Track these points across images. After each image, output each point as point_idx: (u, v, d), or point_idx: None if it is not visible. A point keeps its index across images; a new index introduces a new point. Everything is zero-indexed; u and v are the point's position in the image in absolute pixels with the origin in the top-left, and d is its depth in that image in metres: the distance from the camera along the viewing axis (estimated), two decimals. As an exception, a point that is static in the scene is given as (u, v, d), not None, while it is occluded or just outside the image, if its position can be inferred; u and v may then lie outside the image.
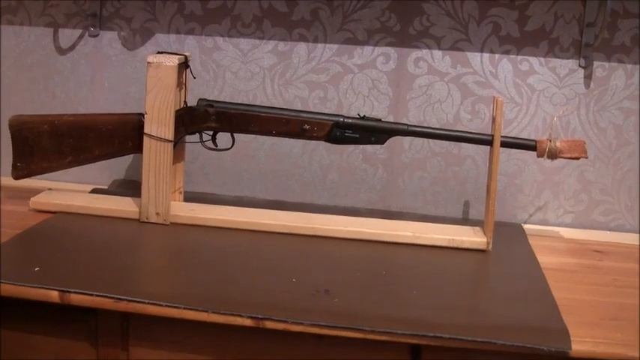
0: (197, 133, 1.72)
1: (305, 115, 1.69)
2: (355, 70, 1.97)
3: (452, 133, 1.72)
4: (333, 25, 1.96)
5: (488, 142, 1.69)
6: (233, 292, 1.41)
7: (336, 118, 1.67)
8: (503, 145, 1.70)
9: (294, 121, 1.67)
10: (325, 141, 1.68)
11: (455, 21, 1.91)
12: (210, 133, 1.73)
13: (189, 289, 1.42)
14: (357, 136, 1.69)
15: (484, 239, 1.71)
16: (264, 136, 1.94)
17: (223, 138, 1.76)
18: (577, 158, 1.71)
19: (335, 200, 2.03)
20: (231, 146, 1.70)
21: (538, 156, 1.70)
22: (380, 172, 2.02)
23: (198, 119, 1.67)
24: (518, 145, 1.72)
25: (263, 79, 2.01)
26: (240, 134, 1.73)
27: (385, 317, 1.34)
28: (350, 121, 1.67)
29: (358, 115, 1.65)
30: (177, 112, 1.68)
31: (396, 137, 1.79)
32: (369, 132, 1.68)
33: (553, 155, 1.69)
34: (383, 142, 1.71)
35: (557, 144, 1.69)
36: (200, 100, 1.69)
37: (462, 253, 1.70)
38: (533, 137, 1.94)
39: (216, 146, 1.70)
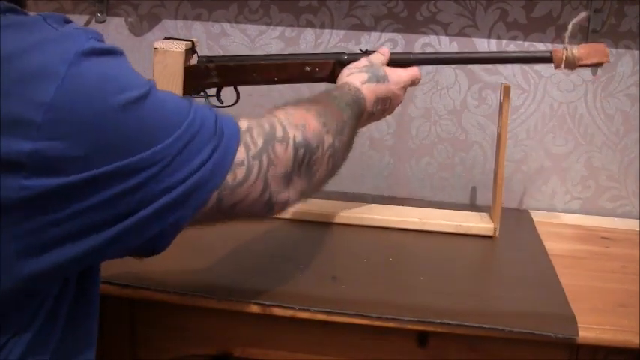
0: (201, 92, 1.69)
1: (305, 56, 1.66)
2: (362, 56, 1.97)
3: (456, 55, 1.69)
4: (340, 11, 1.95)
5: (498, 59, 1.71)
6: (240, 278, 1.42)
7: (337, 57, 1.63)
8: (516, 60, 1.70)
9: (294, 64, 1.65)
10: (328, 81, 1.63)
11: (462, 7, 1.90)
12: (214, 91, 1.70)
13: (195, 276, 1.42)
14: None
15: (491, 225, 1.71)
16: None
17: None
18: (599, 64, 1.55)
19: (341, 187, 2.03)
20: (236, 101, 1.67)
21: (555, 67, 1.54)
22: (387, 158, 2.02)
23: (199, 76, 1.65)
24: (531, 59, 1.68)
25: (270, 65, 2.00)
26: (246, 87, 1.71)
27: (392, 304, 1.35)
28: (353, 57, 1.62)
29: (360, 50, 1.62)
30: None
31: (404, 124, 1.79)
32: None
33: (571, 64, 1.53)
34: None
35: (575, 51, 1.52)
36: (200, 57, 1.68)
37: (469, 240, 1.70)
38: (539, 124, 1.94)
39: (222, 103, 1.68)
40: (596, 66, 1.62)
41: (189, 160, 0.97)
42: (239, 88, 1.67)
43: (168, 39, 1.66)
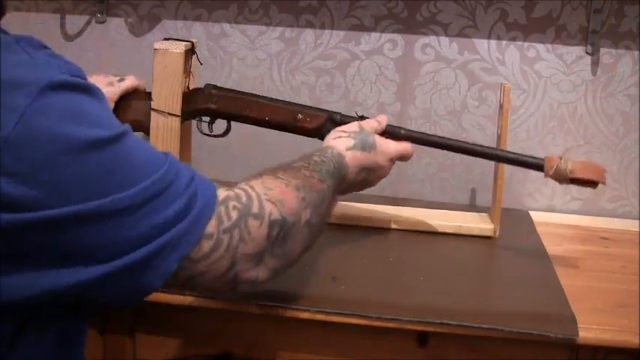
0: (196, 118, 1.69)
1: (301, 106, 1.65)
2: (362, 57, 1.97)
3: (451, 142, 1.59)
4: (340, 12, 1.95)
5: (491, 156, 1.58)
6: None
7: (331, 114, 1.60)
8: (509, 162, 1.54)
9: (288, 109, 1.65)
10: (315, 136, 1.61)
11: (462, 7, 1.90)
12: (208, 120, 1.70)
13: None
14: None
15: (491, 226, 1.71)
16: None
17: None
18: (593, 183, 1.44)
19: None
20: (225, 133, 1.68)
21: (545, 175, 1.46)
22: (387, 158, 2.02)
23: (200, 99, 1.65)
24: (524, 164, 1.52)
25: (270, 65, 2.01)
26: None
27: (392, 304, 1.35)
28: (346, 119, 1.60)
29: (356, 113, 1.60)
30: (184, 93, 1.66)
31: (404, 124, 1.79)
32: None
33: (562, 176, 1.44)
34: None
35: (569, 164, 1.43)
36: (207, 84, 1.68)
37: (469, 240, 1.70)
38: (539, 124, 1.94)
39: (211, 132, 1.68)
40: (589, 185, 1.45)
41: (155, 212, 0.92)
42: (233, 125, 1.68)
43: (168, 39, 1.66)
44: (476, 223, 1.74)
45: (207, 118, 1.66)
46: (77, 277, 0.89)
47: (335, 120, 1.55)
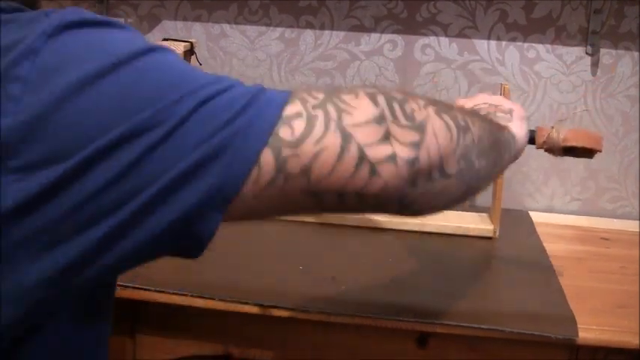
0: None
1: None
2: (362, 57, 1.97)
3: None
4: (339, 12, 1.95)
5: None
6: (240, 279, 1.42)
7: None
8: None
9: None
10: None
11: (462, 8, 1.90)
12: None
13: (196, 277, 1.42)
14: None
15: (491, 226, 1.71)
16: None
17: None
18: (589, 151, 1.33)
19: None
20: None
21: (537, 147, 1.39)
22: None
23: None
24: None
25: (270, 66, 2.01)
26: None
27: (391, 305, 1.35)
28: None
29: None
30: None
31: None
32: None
33: (555, 145, 1.35)
34: None
35: (562, 133, 1.34)
36: None
37: (469, 240, 1.70)
38: (540, 124, 1.94)
39: None
40: (585, 155, 1.35)
41: (212, 117, 0.77)
42: None
43: (167, 40, 1.66)
44: (476, 223, 1.73)
45: None
46: (131, 208, 0.75)
47: None
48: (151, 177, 0.75)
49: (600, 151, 1.35)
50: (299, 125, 0.79)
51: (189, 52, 1.67)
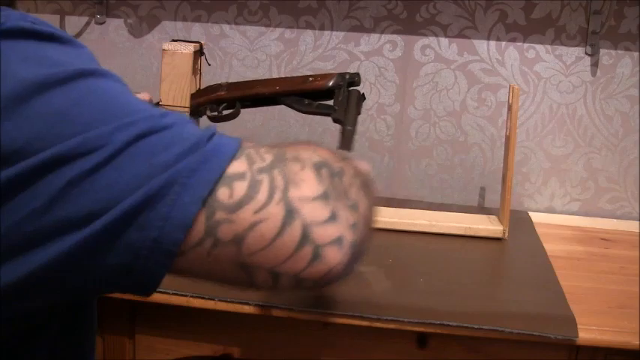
0: (205, 107, 1.68)
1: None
2: (362, 58, 1.97)
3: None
4: (339, 13, 1.95)
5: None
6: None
7: (340, 73, 1.60)
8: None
9: (297, 77, 1.64)
10: (329, 94, 1.58)
11: (461, 9, 1.90)
12: (215, 112, 1.68)
13: (196, 277, 1.42)
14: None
15: (500, 227, 1.71)
16: (270, 125, 1.96)
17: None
18: None
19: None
20: (233, 112, 1.65)
21: None
22: (386, 159, 2.02)
23: (210, 90, 1.65)
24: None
25: (270, 66, 2.01)
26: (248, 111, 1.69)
27: (391, 305, 1.35)
28: (354, 77, 1.56)
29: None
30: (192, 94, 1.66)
31: (403, 125, 1.79)
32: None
33: None
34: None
35: None
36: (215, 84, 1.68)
37: (471, 241, 1.70)
38: (539, 125, 1.94)
39: (220, 113, 1.65)
40: None
41: (148, 154, 0.71)
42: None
43: (177, 41, 1.66)
44: (485, 224, 1.73)
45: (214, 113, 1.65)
46: (60, 247, 0.69)
47: (344, 77, 1.56)
48: (82, 213, 0.69)
49: None
50: (240, 188, 0.73)
51: (199, 52, 1.67)
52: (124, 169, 0.69)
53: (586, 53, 1.90)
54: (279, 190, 0.74)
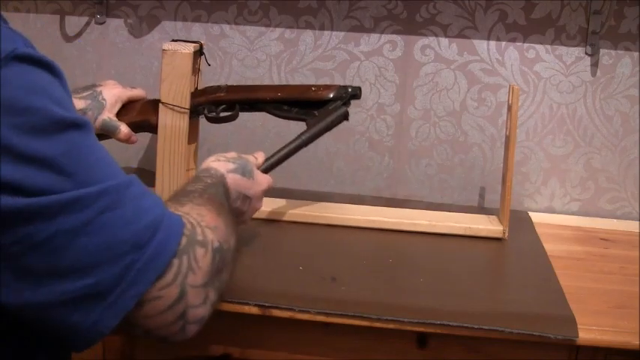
0: (203, 107, 1.68)
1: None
2: (362, 58, 1.97)
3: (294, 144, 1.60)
4: (339, 13, 1.95)
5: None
6: (240, 280, 1.41)
7: (341, 85, 1.62)
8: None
9: (299, 85, 1.64)
10: (329, 100, 1.60)
11: (461, 9, 1.90)
12: (213, 113, 1.68)
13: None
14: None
15: (500, 227, 1.71)
16: (270, 125, 1.96)
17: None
18: None
19: (341, 188, 2.03)
20: (233, 114, 1.65)
21: None
22: (386, 159, 2.02)
23: (209, 91, 1.65)
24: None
25: (269, 66, 2.00)
26: (247, 117, 1.71)
27: (391, 305, 1.35)
28: (356, 91, 1.61)
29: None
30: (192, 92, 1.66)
31: (403, 125, 1.79)
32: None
33: None
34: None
35: None
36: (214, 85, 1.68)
37: (474, 242, 1.69)
38: (539, 125, 1.94)
39: (218, 115, 1.65)
40: None
41: (110, 226, 0.84)
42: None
43: (177, 41, 1.66)
44: (485, 224, 1.73)
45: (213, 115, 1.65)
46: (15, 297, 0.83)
47: (347, 89, 1.57)
48: (51, 268, 0.82)
49: None
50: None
51: (199, 52, 1.68)
52: (94, 237, 0.83)
53: (586, 53, 1.90)
54: (181, 275, 0.92)
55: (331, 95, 1.58)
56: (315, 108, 1.59)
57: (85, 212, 0.82)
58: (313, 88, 1.60)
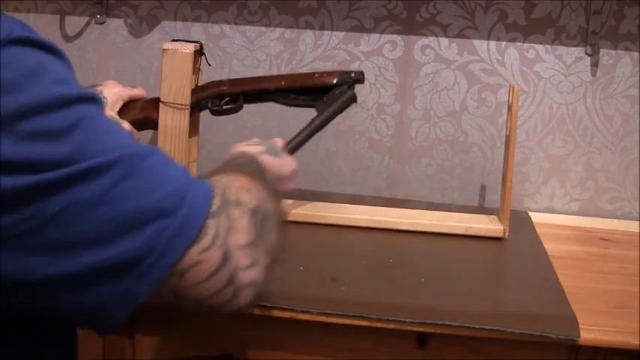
0: (206, 101, 1.67)
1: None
2: (362, 58, 1.97)
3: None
4: (339, 13, 1.95)
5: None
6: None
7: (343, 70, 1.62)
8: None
9: (302, 73, 1.64)
10: (330, 87, 1.61)
11: (461, 9, 1.90)
12: (216, 107, 1.67)
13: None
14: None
15: (500, 227, 1.71)
16: (270, 125, 1.96)
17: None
18: None
19: (341, 188, 2.03)
20: (237, 105, 1.64)
21: None
22: (386, 159, 2.02)
23: (211, 85, 1.65)
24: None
25: (270, 66, 2.00)
26: (252, 106, 1.69)
27: (392, 305, 1.35)
28: (359, 75, 1.60)
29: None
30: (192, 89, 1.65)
31: (403, 125, 1.79)
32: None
33: None
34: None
35: None
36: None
37: (474, 241, 1.69)
38: (539, 125, 1.94)
39: (222, 107, 1.65)
40: None
41: (134, 195, 0.83)
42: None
43: (177, 40, 1.66)
44: (485, 224, 1.73)
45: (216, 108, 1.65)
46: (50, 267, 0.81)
47: (350, 74, 1.57)
48: (74, 239, 0.80)
49: None
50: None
51: (199, 52, 1.67)
52: (112, 207, 0.81)
53: (586, 53, 1.90)
54: (220, 237, 0.88)
55: (335, 81, 1.58)
56: (321, 94, 1.58)
57: (99, 182, 0.80)
58: (316, 75, 1.60)
